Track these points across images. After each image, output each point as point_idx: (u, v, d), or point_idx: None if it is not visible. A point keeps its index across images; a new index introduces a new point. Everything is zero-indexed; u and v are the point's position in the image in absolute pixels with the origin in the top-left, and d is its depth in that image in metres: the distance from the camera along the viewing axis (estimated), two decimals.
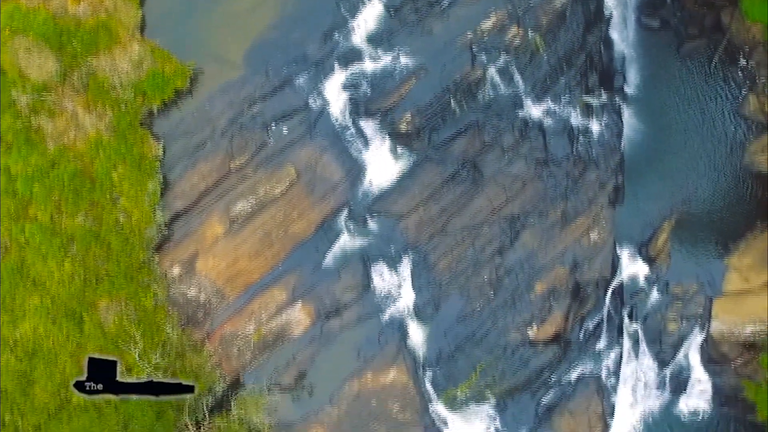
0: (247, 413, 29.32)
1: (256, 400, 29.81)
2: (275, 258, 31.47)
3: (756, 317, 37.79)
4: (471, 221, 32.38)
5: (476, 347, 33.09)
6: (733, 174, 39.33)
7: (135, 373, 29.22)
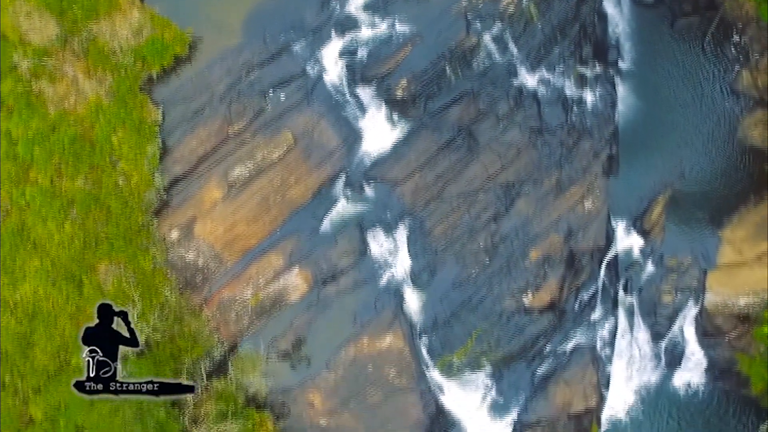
0: (244, 374, 29.53)
1: (253, 360, 30.08)
2: (273, 223, 31.80)
3: (749, 289, 38.11)
4: (466, 188, 32.72)
5: (472, 314, 33.41)
6: (727, 148, 39.66)
7: None
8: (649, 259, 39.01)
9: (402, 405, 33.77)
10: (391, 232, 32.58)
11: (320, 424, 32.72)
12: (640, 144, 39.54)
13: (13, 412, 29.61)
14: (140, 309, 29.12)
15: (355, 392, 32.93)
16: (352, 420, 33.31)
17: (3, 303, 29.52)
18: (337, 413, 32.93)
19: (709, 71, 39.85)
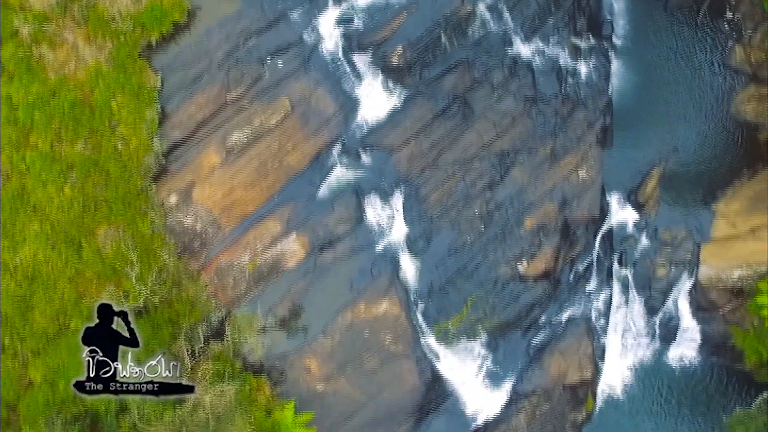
0: (240, 335, 29.75)
1: (249, 320, 30.29)
2: (270, 189, 32.08)
3: (743, 262, 38.47)
4: (462, 156, 33.04)
5: (467, 281, 33.72)
6: (720, 123, 40.12)
7: (132, 300, 29.79)
8: (644, 233, 39.38)
9: (398, 371, 34.06)
10: (387, 199, 32.89)
11: (317, 389, 32.97)
12: (635, 119, 39.94)
13: (12, 374, 29.86)
14: (138, 272, 29.36)
15: (351, 358, 33.22)
16: (348, 386, 33.57)
17: (3, 266, 29.80)
18: (333, 379, 33.21)
19: (703, 47, 40.25)
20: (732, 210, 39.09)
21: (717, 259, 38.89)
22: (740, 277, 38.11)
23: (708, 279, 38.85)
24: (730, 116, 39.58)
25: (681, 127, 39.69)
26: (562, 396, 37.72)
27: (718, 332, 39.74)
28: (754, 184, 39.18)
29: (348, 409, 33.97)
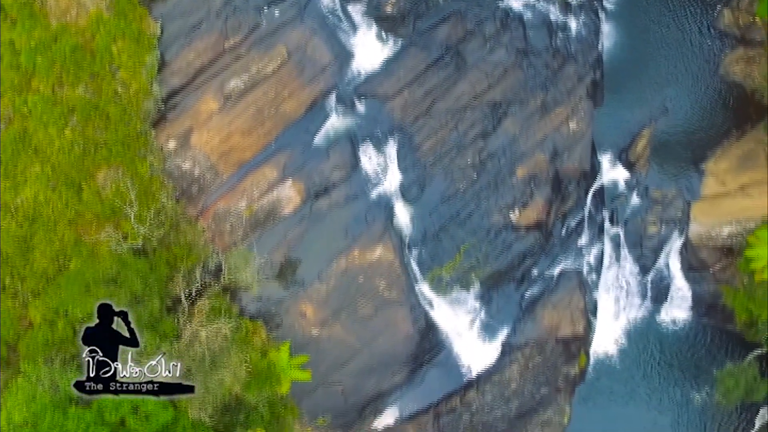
0: (237, 272, 30.05)
1: (245, 256, 30.62)
2: (267, 136, 32.61)
3: (733, 218, 38.91)
4: (454, 105, 33.63)
5: (460, 228, 34.18)
6: (709, 84, 40.65)
7: (131, 240, 30.18)
8: (635, 191, 39.83)
9: (392, 318, 34.47)
10: (381, 147, 33.47)
11: (312, 333, 33.41)
12: (625, 80, 40.38)
13: (12, 314, 30.30)
14: (137, 212, 29.80)
15: (346, 304, 33.67)
16: (343, 332, 33.97)
17: (4, 207, 30.34)
18: (328, 324, 33.62)
19: (693, 10, 40.81)
20: (721, 168, 39.52)
21: (707, 216, 39.32)
22: (730, 234, 38.57)
23: (698, 236, 39.29)
24: (719, 78, 40.10)
25: (670, 88, 40.21)
26: (555, 349, 38.08)
27: (708, 292, 40.12)
28: (742, 144, 39.65)
29: (342, 355, 34.40)
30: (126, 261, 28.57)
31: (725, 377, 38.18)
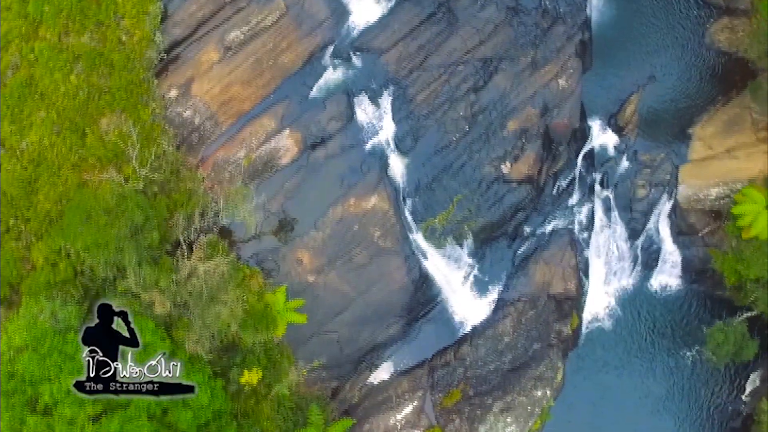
0: (234, 207, 30.51)
1: (243, 194, 31.07)
2: (266, 87, 33.36)
3: (720, 180, 39.45)
4: (447, 60, 34.34)
5: (453, 179, 34.81)
6: (696, 53, 41.46)
7: (132, 183, 30.68)
8: (624, 155, 40.41)
9: (387, 267, 34.90)
10: (376, 99, 34.19)
11: (308, 280, 33.88)
12: (613, 48, 41.17)
13: (15, 255, 30.80)
14: (138, 155, 30.33)
15: (342, 252, 34.15)
16: (338, 280, 34.39)
17: (9, 150, 31.02)
18: (324, 272, 34.11)
19: None
20: (708, 133, 40.12)
21: (695, 178, 39.83)
22: (717, 196, 39.06)
23: (686, 199, 39.74)
24: (705, 46, 40.90)
25: (658, 56, 41.03)
26: (547, 305, 38.37)
27: (698, 257, 40.52)
28: (728, 109, 40.28)
29: (338, 304, 34.81)
30: (127, 194, 29.03)
31: (715, 332, 38.44)
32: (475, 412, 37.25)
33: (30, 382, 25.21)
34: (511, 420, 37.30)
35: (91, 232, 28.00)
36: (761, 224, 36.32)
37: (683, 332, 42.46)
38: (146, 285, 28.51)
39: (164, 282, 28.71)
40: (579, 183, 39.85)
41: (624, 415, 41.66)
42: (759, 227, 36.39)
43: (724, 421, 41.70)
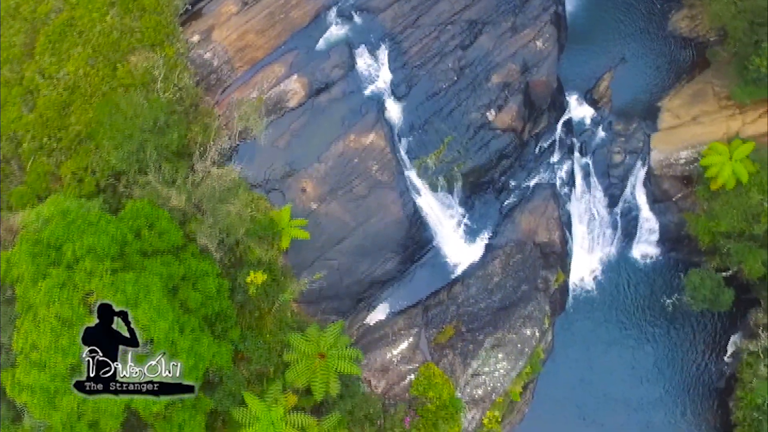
0: (246, 118, 32.56)
1: (254, 105, 33.20)
2: (277, 39, 36.23)
3: (688, 143, 41.68)
4: (437, 20, 37.42)
5: (443, 122, 37.06)
6: (660, 38, 44.83)
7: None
8: (600, 126, 42.90)
9: (384, 200, 36.55)
10: (374, 52, 36.93)
11: (311, 207, 35.44)
12: (587, 35, 44.61)
13: (45, 168, 32.60)
14: (162, 83, 32.78)
15: (342, 182, 35.92)
16: (339, 209, 35.95)
17: (48, 78, 33.47)
18: (326, 200, 35.73)
19: None
20: (675, 105, 42.70)
21: (665, 144, 42.02)
22: (686, 159, 41.08)
23: (659, 163, 41.77)
24: (669, 33, 44.31)
25: (628, 41, 44.35)
26: (533, 252, 39.62)
27: (673, 223, 42.12)
28: (692, 85, 43.03)
29: (338, 232, 36.19)
30: (153, 98, 31.18)
31: (692, 275, 39.44)
32: (468, 347, 37.73)
33: (54, 246, 26.26)
34: (502, 356, 37.70)
35: (118, 122, 30.02)
36: (726, 173, 38.14)
37: (664, 297, 43.44)
38: (165, 180, 30.24)
39: (180, 180, 30.46)
40: (559, 145, 42.00)
41: (612, 378, 41.94)
42: (725, 175, 38.18)
43: (710, 381, 42.00)
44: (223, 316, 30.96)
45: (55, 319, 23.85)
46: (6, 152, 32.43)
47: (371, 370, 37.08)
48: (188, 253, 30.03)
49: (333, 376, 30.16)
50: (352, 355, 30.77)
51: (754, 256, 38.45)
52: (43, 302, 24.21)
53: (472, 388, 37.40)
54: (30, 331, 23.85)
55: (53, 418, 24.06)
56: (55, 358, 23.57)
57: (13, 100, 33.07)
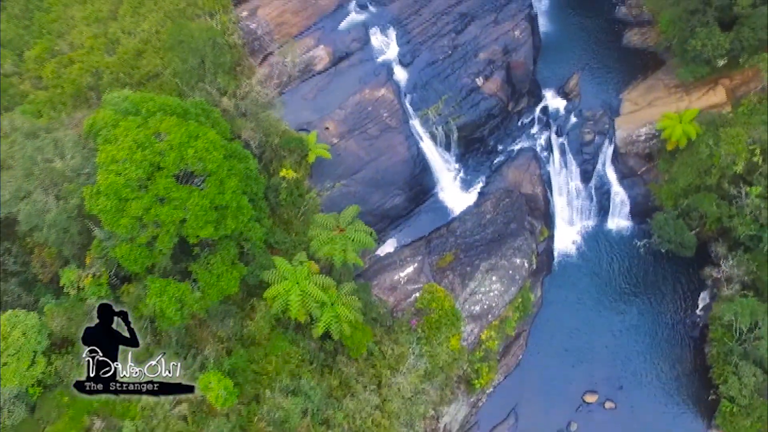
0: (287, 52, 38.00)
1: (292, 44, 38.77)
2: (308, 20, 42.84)
3: (646, 122, 46.98)
4: (435, 10, 44.23)
5: (441, 84, 42.65)
6: (618, 48, 51.25)
7: None
8: (572, 113, 48.32)
9: (392, 141, 41.38)
10: (385, 31, 43.36)
11: (333, 141, 40.22)
12: (558, 47, 51.13)
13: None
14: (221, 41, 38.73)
15: (359, 124, 40.94)
16: (355, 146, 40.68)
17: (127, 33, 39.69)
18: (345, 137, 40.56)
19: (600, 10, 52.79)
20: (633, 96, 48.44)
21: (627, 124, 47.25)
22: (646, 136, 46.04)
23: (623, 140, 46.74)
24: (624, 45, 50.94)
25: (591, 52, 50.84)
26: (520, 198, 43.67)
27: (641, 194, 46.41)
28: (646, 82, 48.99)
29: (355, 164, 40.75)
30: (211, 28, 37.06)
31: (657, 216, 43.05)
32: (465, 269, 40.67)
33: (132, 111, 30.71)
34: (495, 279, 40.51)
35: (186, 38, 35.55)
36: (678, 132, 42.99)
37: (636, 241, 46.24)
38: (219, 89, 35.28)
39: (230, 90, 35.50)
40: (538, 122, 47.38)
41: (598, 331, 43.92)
42: (677, 134, 43.01)
43: (686, 331, 44.12)
44: (257, 197, 34.11)
45: (132, 143, 27.91)
46: (89, 83, 37.80)
47: (381, 288, 39.86)
48: (235, 143, 34.39)
49: (350, 244, 33.24)
50: (367, 230, 34.01)
51: (709, 199, 42.28)
52: (122, 134, 28.40)
53: (470, 305, 39.88)
54: (110, 150, 27.83)
55: (120, 222, 27.34)
56: (129, 167, 27.34)
57: (98, 47, 39.03)
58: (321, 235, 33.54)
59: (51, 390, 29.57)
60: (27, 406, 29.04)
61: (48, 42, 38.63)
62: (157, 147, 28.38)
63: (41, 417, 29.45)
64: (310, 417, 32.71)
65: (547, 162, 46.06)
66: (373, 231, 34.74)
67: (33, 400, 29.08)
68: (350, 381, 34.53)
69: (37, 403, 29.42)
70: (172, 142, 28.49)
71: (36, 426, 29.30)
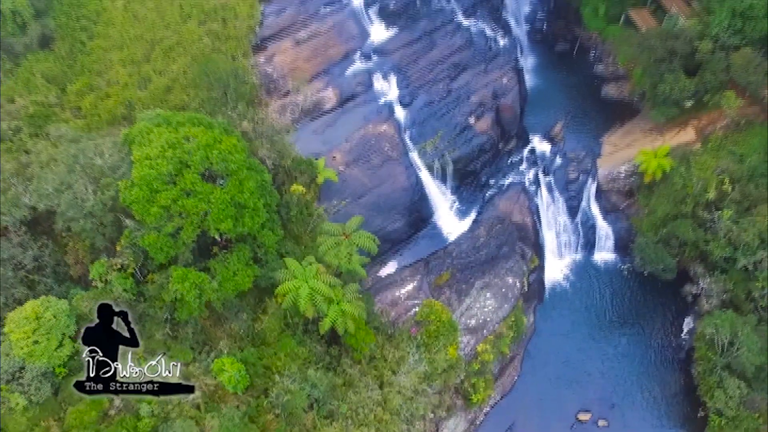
0: (299, 85, 41.43)
1: (305, 78, 42.21)
2: (319, 66, 46.76)
3: (625, 161, 50.35)
4: (431, 61, 48.29)
5: (437, 122, 46.14)
6: (597, 100, 55.52)
7: None
8: (557, 155, 51.75)
9: (393, 171, 44.41)
10: (386, 77, 47.20)
11: (339, 168, 43.09)
12: (543, 100, 55.37)
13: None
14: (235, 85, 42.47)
15: (363, 155, 44.10)
16: (359, 174, 43.60)
17: (158, 73, 43.27)
18: (350, 167, 43.61)
19: (579, 67, 57.45)
20: (613, 139, 52.09)
21: (608, 163, 50.60)
22: (626, 173, 49.31)
23: (605, 178, 49.94)
24: (603, 97, 55.06)
25: (572, 104, 55.06)
26: (511, 225, 46.24)
27: (624, 228, 49.22)
28: (624, 128, 52.85)
29: (359, 189, 43.58)
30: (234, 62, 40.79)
31: (639, 239, 45.30)
32: (461, 286, 42.58)
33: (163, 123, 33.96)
34: (489, 295, 42.38)
35: (212, 70, 39.11)
36: (654, 165, 46.15)
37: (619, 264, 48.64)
38: (240, 115, 38.59)
39: (250, 116, 38.79)
40: (526, 160, 50.58)
41: (589, 356, 45.57)
42: (653, 167, 46.14)
43: (673, 355, 45.55)
44: (272, 216, 36.58)
45: (164, 143, 30.87)
46: (123, 113, 41.22)
47: (383, 303, 41.71)
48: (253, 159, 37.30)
49: (355, 249, 35.44)
50: (370, 236, 36.25)
51: (685, 225, 44.79)
52: (156, 137, 31.45)
53: (466, 318, 41.55)
54: (145, 149, 30.75)
55: (150, 211, 29.83)
56: (161, 162, 30.17)
57: (132, 83, 42.70)
58: (328, 241, 35.83)
59: (75, 374, 30.99)
60: (52, 387, 30.40)
61: (88, 79, 42.46)
62: (185, 147, 31.37)
63: (64, 399, 30.72)
64: (315, 410, 33.77)
65: (536, 195, 49.02)
66: (375, 237, 37.04)
67: (58, 380, 30.46)
68: (354, 380, 35.77)
69: (61, 385, 30.79)
70: (199, 143, 31.51)
71: (59, 407, 30.53)
